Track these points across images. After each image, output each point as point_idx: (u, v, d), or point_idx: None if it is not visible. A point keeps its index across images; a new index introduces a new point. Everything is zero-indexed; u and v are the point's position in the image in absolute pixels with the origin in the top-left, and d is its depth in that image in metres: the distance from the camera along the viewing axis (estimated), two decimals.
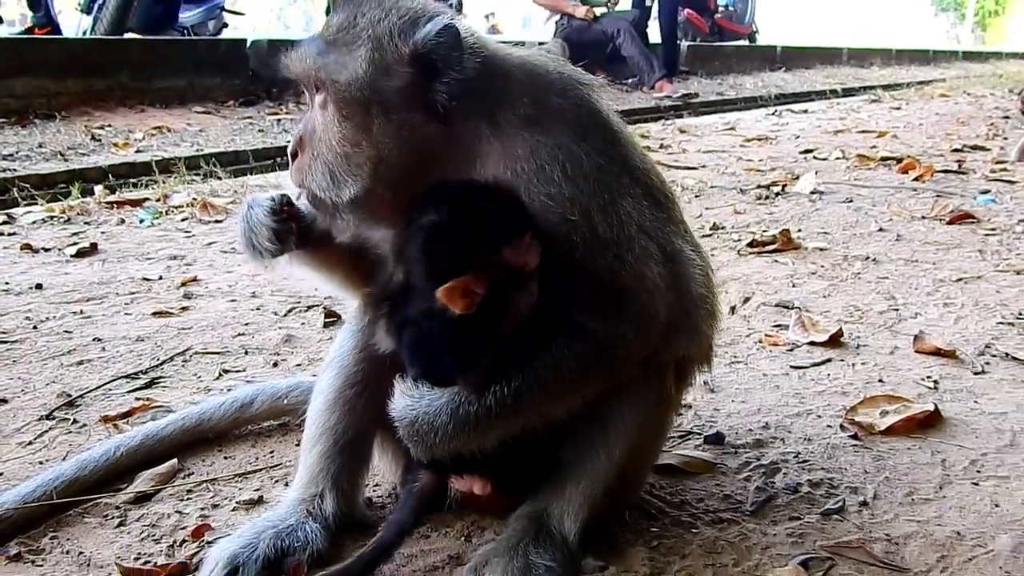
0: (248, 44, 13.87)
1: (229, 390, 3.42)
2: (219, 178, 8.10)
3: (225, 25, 18.38)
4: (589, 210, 2.21)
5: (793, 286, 4.91)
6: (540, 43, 2.93)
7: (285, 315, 4.47)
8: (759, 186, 7.78)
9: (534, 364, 2.17)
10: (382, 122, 2.25)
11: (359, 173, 2.27)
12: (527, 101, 2.27)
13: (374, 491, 2.82)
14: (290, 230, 2.43)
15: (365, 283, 2.61)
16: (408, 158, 2.27)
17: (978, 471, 2.91)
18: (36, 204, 7.09)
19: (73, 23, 16.89)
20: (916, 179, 8.09)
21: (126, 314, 4.48)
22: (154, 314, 4.46)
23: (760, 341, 4.08)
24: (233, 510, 2.72)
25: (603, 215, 2.23)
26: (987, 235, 6.01)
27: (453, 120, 2.25)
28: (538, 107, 2.28)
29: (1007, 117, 13.46)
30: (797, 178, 8.02)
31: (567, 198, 2.20)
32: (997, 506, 2.69)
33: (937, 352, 3.87)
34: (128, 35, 14.75)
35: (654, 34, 19.82)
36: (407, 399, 2.21)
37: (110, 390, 3.57)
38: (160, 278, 5.10)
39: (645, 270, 2.26)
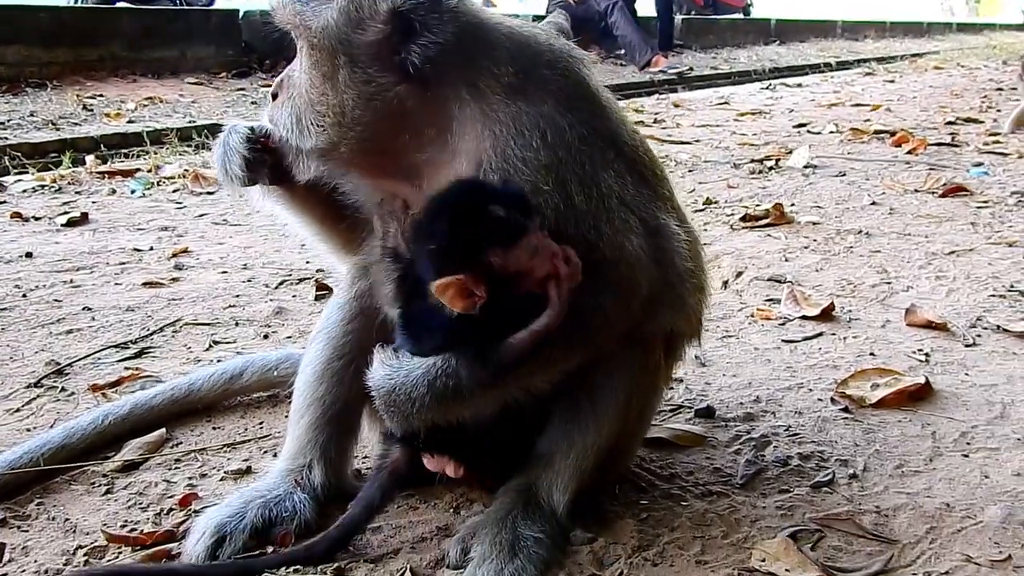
0: (241, 15, 13.74)
1: (219, 361, 3.41)
2: (211, 150, 8.04)
3: None
4: (566, 180, 2.19)
5: (786, 260, 4.90)
6: (536, 16, 2.90)
7: (276, 287, 4.46)
8: (752, 160, 7.75)
9: (513, 335, 2.14)
10: (347, 74, 2.23)
11: (322, 123, 2.27)
12: (512, 70, 2.24)
13: (363, 463, 2.81)
14: (264, 161, 2.42)
15: (347, 243, 2.60)
16: (372, 115, 2.25)
17: (968, 443, 2.91)
18: (27, 173, 7.07)
19: None
20: (909, 152, 8.08)
21: (116, 284, 4.46)
22: (144, 284, 4.45)
23: (752, 315, 4.07)
24: (221, 480, 2.72)
25: (581, 186, 2.20)
26: (979, 208, 6.00)
27: (429, 83, 2.23)
28: (523, 77, 2.25)
29: (1000, 89, 13.45)
30: (790, 152, 8.00)
31: (543, 165, 2.18)
32: (987, 478, 2.69)
33: (928, 325, 3.87)
34: (119, 4, 14.62)
35: (648, 6, 19.68)
36: (385, 368, 2.17)
37: (99, 359, 3.56)
38: (151, 249, 5.08)
39: (624, 242, 2.24)
